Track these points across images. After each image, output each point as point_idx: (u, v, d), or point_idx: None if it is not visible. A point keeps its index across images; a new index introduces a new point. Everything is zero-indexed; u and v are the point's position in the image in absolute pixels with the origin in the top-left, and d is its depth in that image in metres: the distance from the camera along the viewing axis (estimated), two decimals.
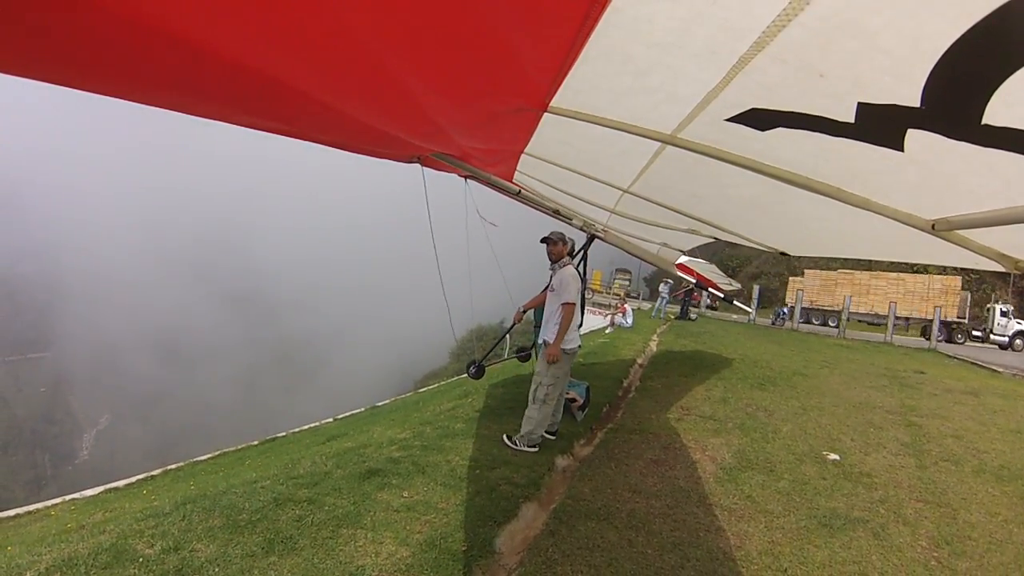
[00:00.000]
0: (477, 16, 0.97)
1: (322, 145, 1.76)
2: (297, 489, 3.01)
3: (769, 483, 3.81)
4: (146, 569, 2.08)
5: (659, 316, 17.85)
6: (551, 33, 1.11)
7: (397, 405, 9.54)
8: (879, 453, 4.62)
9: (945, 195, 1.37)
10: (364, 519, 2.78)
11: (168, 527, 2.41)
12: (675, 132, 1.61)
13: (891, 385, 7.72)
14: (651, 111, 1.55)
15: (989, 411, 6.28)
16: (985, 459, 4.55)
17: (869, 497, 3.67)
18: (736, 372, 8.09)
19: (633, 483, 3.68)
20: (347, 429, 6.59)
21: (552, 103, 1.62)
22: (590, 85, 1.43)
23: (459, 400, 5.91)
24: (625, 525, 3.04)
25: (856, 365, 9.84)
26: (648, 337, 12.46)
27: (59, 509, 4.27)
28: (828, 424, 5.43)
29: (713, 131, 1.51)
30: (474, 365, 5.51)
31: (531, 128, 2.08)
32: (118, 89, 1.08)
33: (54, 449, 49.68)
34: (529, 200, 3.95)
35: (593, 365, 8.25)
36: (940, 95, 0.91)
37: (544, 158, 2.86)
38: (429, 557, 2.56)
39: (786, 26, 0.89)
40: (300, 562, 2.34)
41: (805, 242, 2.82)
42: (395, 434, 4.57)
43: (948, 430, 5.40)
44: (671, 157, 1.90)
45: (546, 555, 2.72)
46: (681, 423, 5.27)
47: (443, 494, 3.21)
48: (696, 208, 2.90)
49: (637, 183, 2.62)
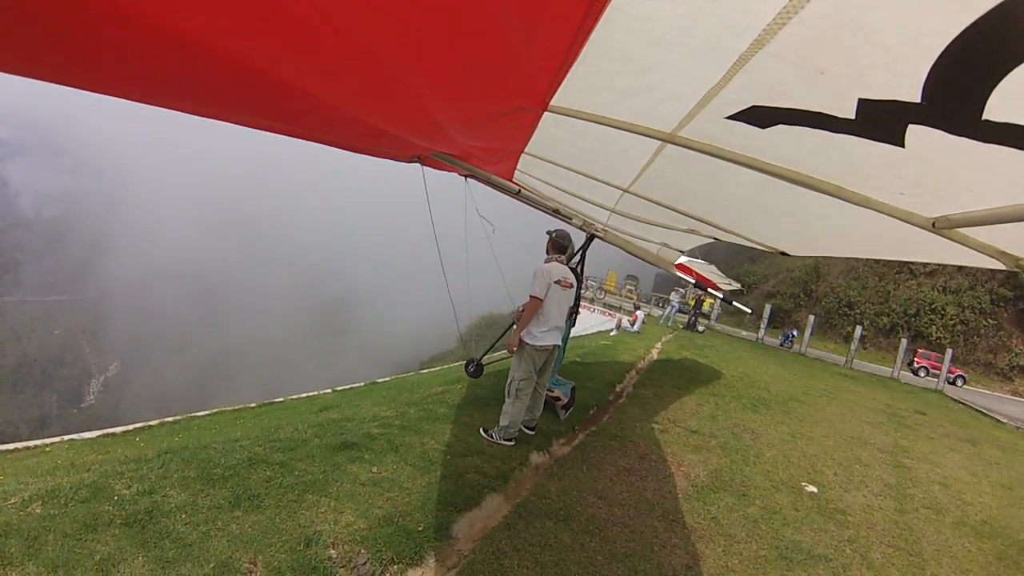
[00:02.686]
0: (477, 15, 0.99)
1: (323, 145, 1.80)
2: (273, 452, 3.15)
3: (738, 507, 3.81)
4: (120, 507, 2.23)
5: (667, 324, 17.69)
6: (551, 32, 1.12)
7: (395, 383, 9.74)
8: (860, 491, 4.56)
9: (946, 192, 1.36)
10: (330, 488, 2.90)
11: (147, 472, 2.57)
12: (675, 131, 1.62)
13: (888, 423, 7.55)
14: (651, 110, 1.56)
15: (984, 462, 6.10)
16: (969, 512, 4.45)
17: (839, 535, 3.64)
18: (732, 390, 8.01)
19: (600, 488, 3.72)
20: (341, 401, 6.78)
21: (552, 102, 1.63)
22: (590, 84, 1.44)
23: (449, 385, 6.01)
24: (582, 529, 3.10)
25: (857, 398, 9.63)
26: (651, 344, 12.39)
27: (56, 447, 4.54)
28: (814, 455, 5.37)
29: (713, 129, 1.51)
30: (473, 363, 5.59)
31: (531, 127, 2.09)
32: (120, 89, 1.11)
33: (62, 391, 52.14)
34: (529, 199, 3.96)
35: (590, 366, 8.26)
36: (941, 90, 0.92)
37: (544, 157, 2.87)
38: (385, 532, 2.66)
39: (786, 23, 0.90)
40: (262, 519, 2.47)
41: (805, 241, 2.79)
42: (379, 411, 4.70)
43: (937, 476, 5.28)
44: (671, 156, 1.91)
45: (498, 547, 2.80)
46: (664, 435, 5.28)
47: (411, 474, 3.31)
48: (696, 207, 2.89)
49: (637, 182, 2.62)
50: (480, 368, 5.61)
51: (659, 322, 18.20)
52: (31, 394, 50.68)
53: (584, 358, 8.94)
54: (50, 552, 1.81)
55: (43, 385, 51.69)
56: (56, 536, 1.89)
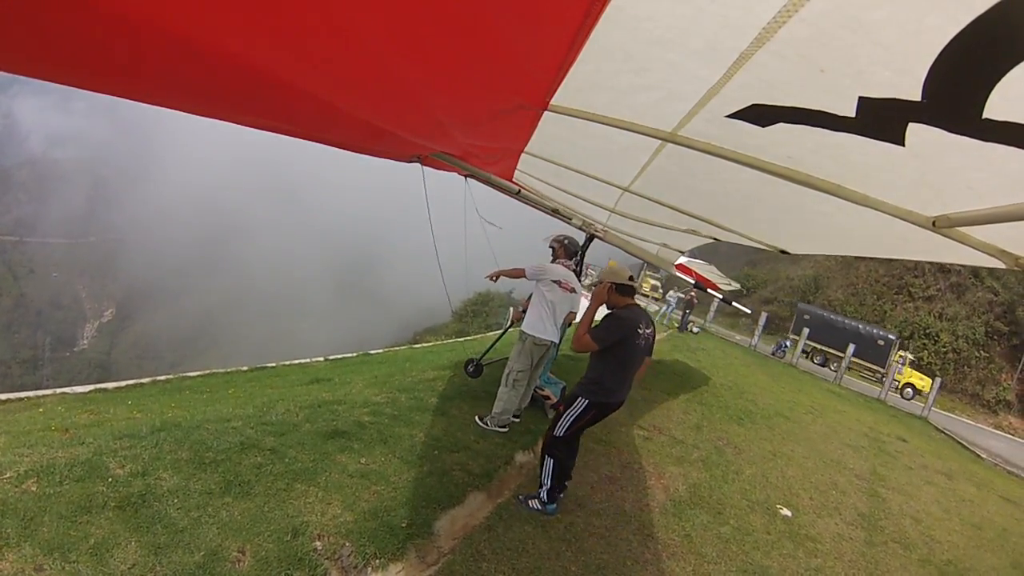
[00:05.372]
0: (478, 15, 0.98)
1: (323, 144, 1.77)
2: (264, 436, 3.20)
3: (712, 526, 3.92)
4: (114, 488, 2.28)
5: (663, 321, 17.83)
6: (551, 31, 1.12)
7: (387, 357, 9.83)
8: (832, 518, 4.69)
9: (946, 191, 1.37)
10: (319, 478, 2.96)
11: (140, 451, 2.61)
12: (675, 129, 1.62)
13: (869, 448, 7.70)
14: (651, 109, 1.55)
15: (957, 498, 6.25)
16: (936, 549, 4.59)
17: (807, 563, 3.75)
18: (719, 399, 8.12)
19: (581, 496, 3.82)
20: (333, 374, 6.86)
21: (552, 101, 1.62)
22: (590, 83, 1.44)
23: (441, 372, 6.08)
24: (559, 537, 3.20)
25: (841, 418, 9.78)
26: None
27: (49, 401, 4.60)
28: (792, 476, 5.49)
29: (713, 128, 1.51)
30: (472, 363, 5.65)
31: (531, 127, 2.08)
32: (120, 89, 1.10)
33: (56, 334, 52.48)
34: (529, 199, 3.93)
35: (580, 363, 8.31)
36: (941, 88, 0.92)
37: (544, 157, 2.84)
38: (369, 527, 2.74)
39: (787, 22, 0.90)
40: (251, 507, 2.53)
41: (805, 240, 2.80)
42: (371, 395, 4.76)
43: (910, 510, 5.42)
44: (671, 155, 1.91)
45: (477, 549, 2.89)
46: (648, 443, 5.38)
47: (398, 468, 3.38)
48: (696, 206, 2.89)
49: (637, 181, 2.61)
50: (480, 368, 5.68)
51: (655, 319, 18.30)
52: (25, 335, 51.17)
53: (575, 353, 8.99)
54: (46, 533, 1.86)
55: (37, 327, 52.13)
56: (51, 517, 1.94)
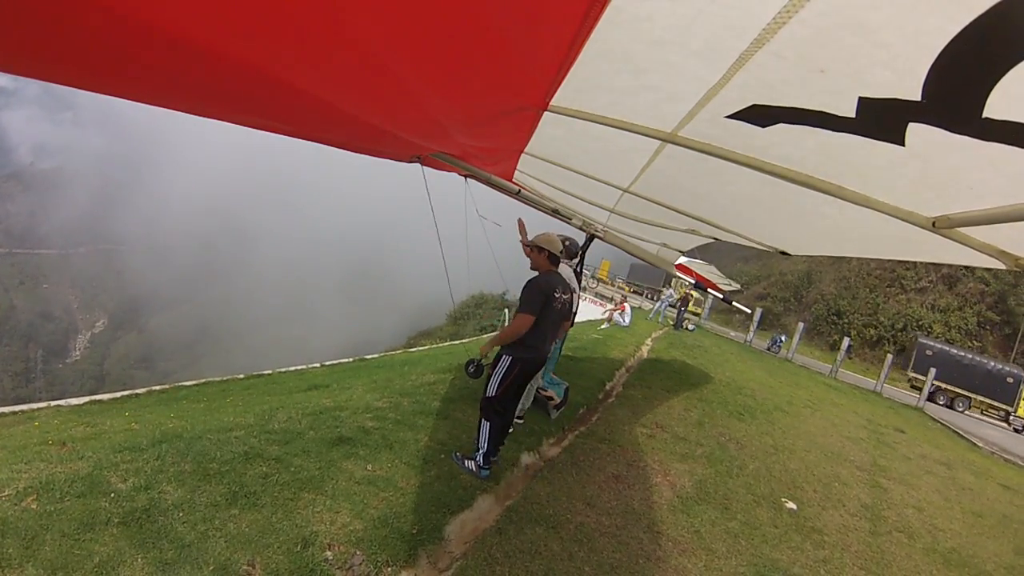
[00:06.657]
0: (477, 15, 0.97)
1: (324, 144, 1.75)
2: (268, 445, 3.14)
3: (720, 521, 3.92)
4: (117, 503, 2.21)
5: (657, 319, 17.91)
6: (551, 32, 1.11)
7: (384, 362, 9.76)
8: (837, 510, 4.71)
9: (946, 192, 1.37)
10: (326, 486, 2.91)
11: (142, 464, 2.54)
12: (675, 130, 1.62)
13: (868, 439, 7.77)
14: (651, 109, 1.55)
15: (958, 487, 6.33)
16: (939, 538, 4.63)
17: (814, 555, 3.76)
18: (718, 395, 8.15)
19: (589, 495, 3.80)
20: (330, 380, 6.77)
21: (552, 102, 1.62)
22: (590, 84, 1.43)
23: (441, 375, 6.03)
24: (571, 537, 3.17)
25: (839, 411, 9.87)
26: (641, 340, 12.51)
27: (44, 414, 4.49)
28: (795, 469, 5.51)
29: (713, 129, 1.51)
30: (473, 364, 5.61)
31: (531, 127, 2.08)
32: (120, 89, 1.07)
33: (47, 345, 51.75)
34: (529, 199, 3.92)
35: (580, 362, 8.33)
36: (941, 89, 0.92)
37: (544, 157, 2.84)
38: (380, 534, 2.69)
39: (787, 23, 0.90)
40: (259, 518, 2.47)
41: (805, 240, 2.82)
42: (373, 400, 4.71)
43: (911, 500, 5.47)
44: (671, 155, 1.91)
45: (489, 552, 2.86)
46: (652, 440, 5.37)
47: (405, 473, 3.34)
48: (696, 207, 2.89)
49: (637, 182, 2.61)
50: (480, 369, 5.64)
51: (647, 316, 18.38)
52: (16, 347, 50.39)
53: (576, 352, 9.00)
54: (48, 553, 1.79)
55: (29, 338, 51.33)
56: (54, 535, 1.87)
